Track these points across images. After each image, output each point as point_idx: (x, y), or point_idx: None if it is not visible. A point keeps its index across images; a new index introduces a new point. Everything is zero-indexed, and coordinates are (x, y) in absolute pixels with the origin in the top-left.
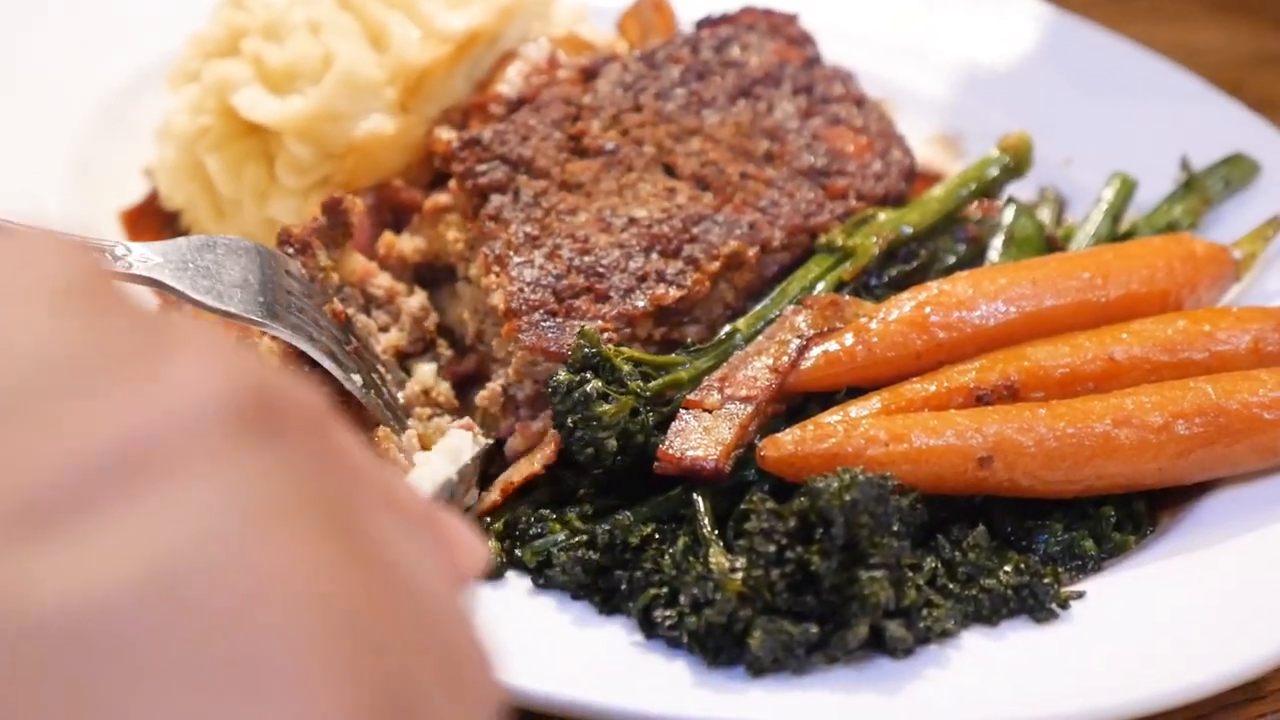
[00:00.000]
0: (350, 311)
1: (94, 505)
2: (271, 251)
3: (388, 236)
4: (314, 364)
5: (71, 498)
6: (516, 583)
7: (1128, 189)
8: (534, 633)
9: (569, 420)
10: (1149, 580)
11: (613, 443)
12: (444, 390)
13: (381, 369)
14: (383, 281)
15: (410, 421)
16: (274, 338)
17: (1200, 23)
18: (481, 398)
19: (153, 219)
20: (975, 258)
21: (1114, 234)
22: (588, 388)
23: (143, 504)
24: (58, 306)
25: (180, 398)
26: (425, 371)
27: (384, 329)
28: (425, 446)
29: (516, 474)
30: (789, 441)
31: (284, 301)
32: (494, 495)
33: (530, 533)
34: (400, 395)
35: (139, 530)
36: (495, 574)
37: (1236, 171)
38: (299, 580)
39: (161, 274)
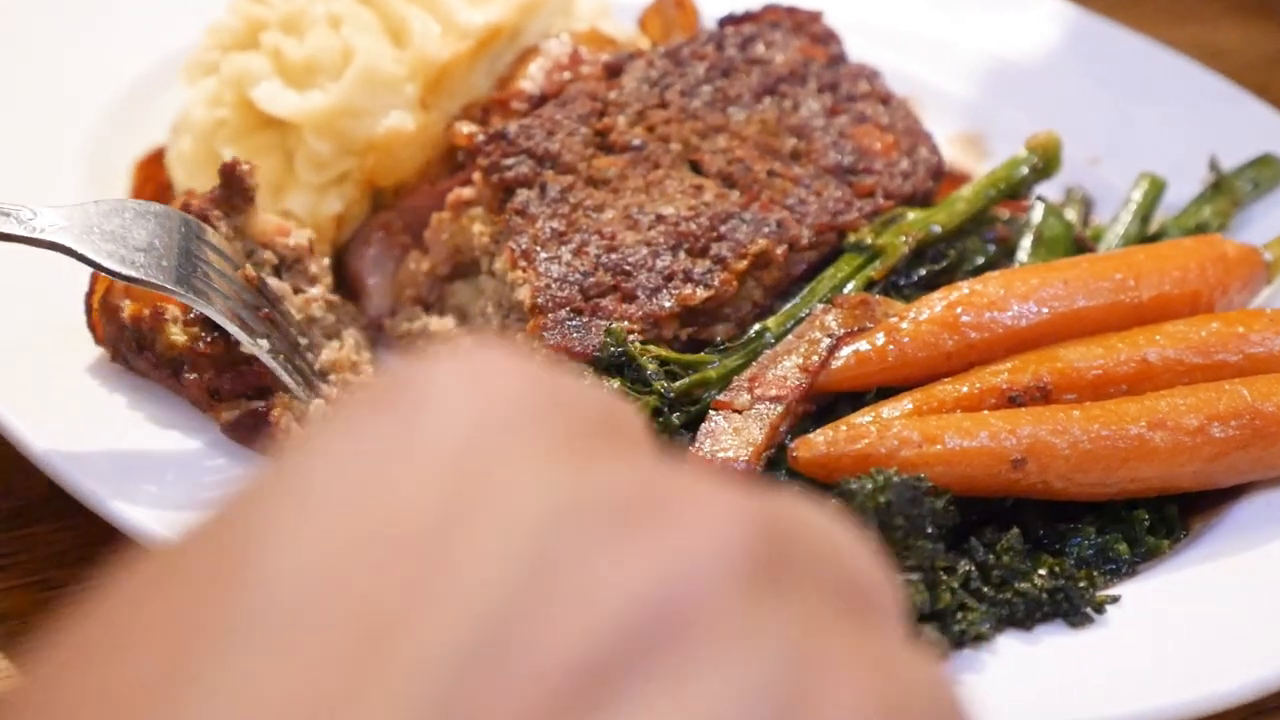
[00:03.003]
0: (263, 275)
1: (622, 686)
2: (185, 217)
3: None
4: (220, 328)
5: (598, 679)
6: None
7: (1157, 189)
8: None
9: None
10: (1184, 585)
11: None
12: (368, 359)
13: (293, 333)
14: (292, 241)
15: (330, 389)
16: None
17: (1223, 23)
18: None
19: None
20: (1004, 258)
21: (1143, 235)
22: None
23: (671, 691)
24: (538, 447)
25: (692, 554)
26: (348, 339)
27: (299, 290)
28: None
29: None
30: (821, 442)
31: (191, 267)
32: None
33: None
34: (317, 361)
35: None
36: None
37: (1265, 173)
38: None
39: (65, 238)
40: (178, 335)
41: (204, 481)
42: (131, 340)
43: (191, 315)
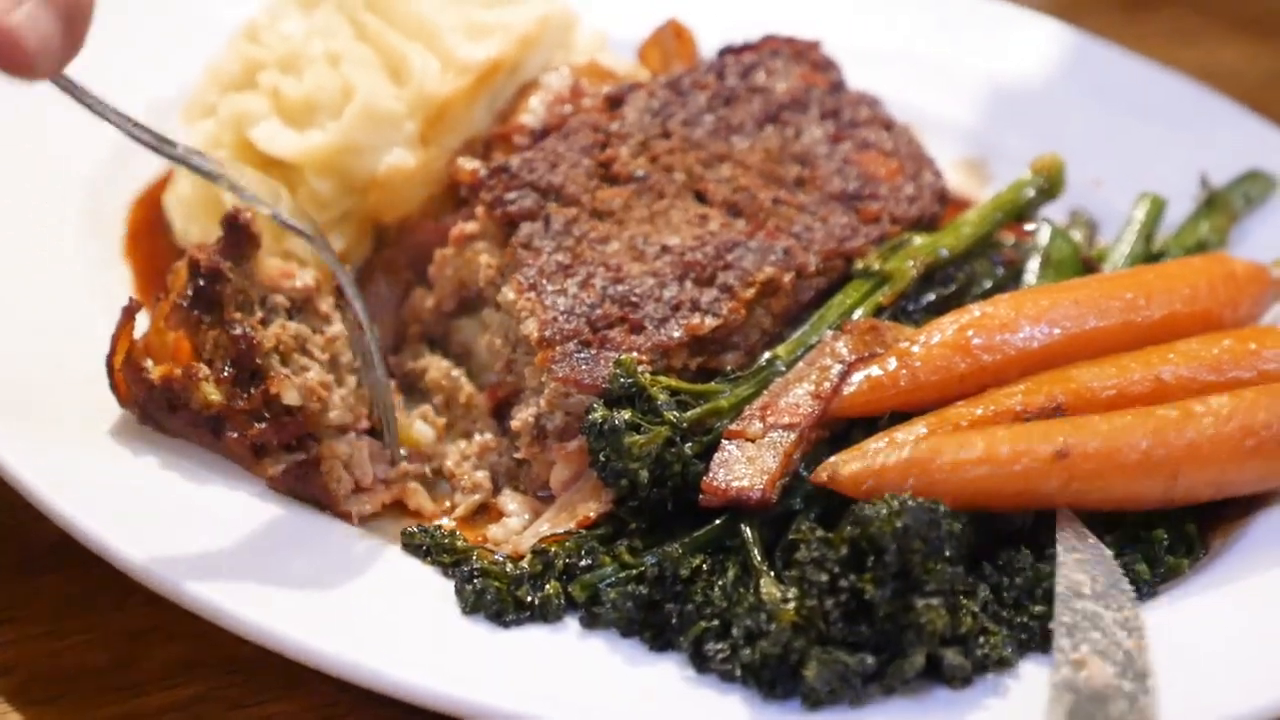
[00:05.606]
0: (279, 319)
1: None
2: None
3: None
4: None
5: None
6: (567, 623)
7: (1158, 209)
8: (587, 673)
9: (600, 455)
10: (1205, 605)
11: (645, 473)
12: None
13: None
14: (299, 282)
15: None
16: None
17: (1220, 43)
18: (514, 425)
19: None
20: (1012, 281)
21: (1148, 254)
22: (617, 419)
23: None
24: None
25: None
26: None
27: (317, 331)
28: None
29: (573, 519)
30: (861, 456)
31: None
32: (560, 530)
33: (581, 565)
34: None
35: None
36: (554, 617)
37: (1255, 187)
38: None
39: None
40: (212, 393)
41: (258, 539)
42: (163, 400)
43: (225, 373)
